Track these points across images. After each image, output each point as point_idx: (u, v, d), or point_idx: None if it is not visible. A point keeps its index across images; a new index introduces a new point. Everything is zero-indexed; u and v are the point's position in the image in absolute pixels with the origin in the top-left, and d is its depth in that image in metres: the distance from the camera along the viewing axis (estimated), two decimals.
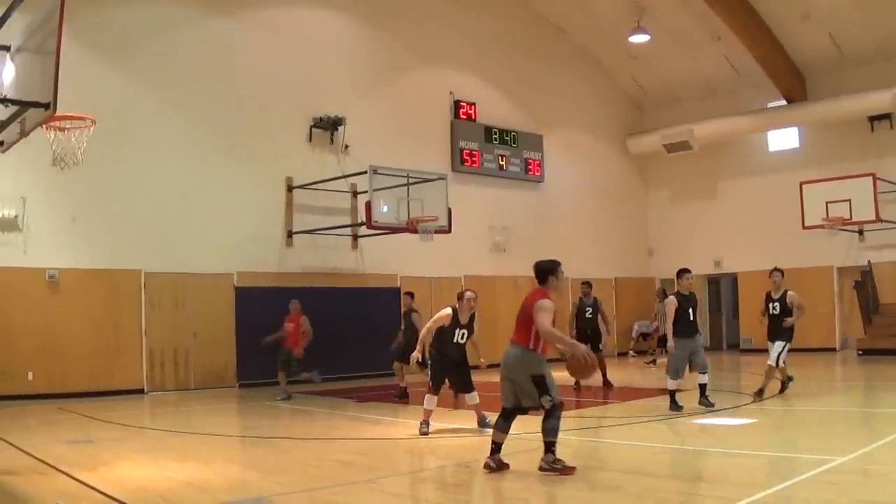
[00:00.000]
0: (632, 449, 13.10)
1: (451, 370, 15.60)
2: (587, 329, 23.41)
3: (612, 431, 14.55)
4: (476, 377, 15.95)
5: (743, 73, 35.20)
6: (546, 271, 11.65)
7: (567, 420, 15.79)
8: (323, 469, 11.99)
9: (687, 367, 17.04)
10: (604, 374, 22.78)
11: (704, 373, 17.03)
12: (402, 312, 21.97)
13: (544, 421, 11.19)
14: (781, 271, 18.17)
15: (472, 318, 15.76)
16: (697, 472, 11.42)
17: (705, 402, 16.84)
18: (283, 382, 22.14)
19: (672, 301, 17.29)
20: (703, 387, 17.05)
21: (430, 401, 15.28)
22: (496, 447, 11.40)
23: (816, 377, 24.90)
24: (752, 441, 13.32)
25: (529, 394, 11.23)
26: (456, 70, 32.74)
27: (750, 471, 11.20)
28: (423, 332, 15.91)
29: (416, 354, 15.80)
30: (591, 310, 23.54)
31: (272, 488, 10.53)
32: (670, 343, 17.12)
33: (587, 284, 24.31)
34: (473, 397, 15.58)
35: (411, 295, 21.98)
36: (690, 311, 17.09)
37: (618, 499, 10.00)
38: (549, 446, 11.19)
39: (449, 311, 15.62)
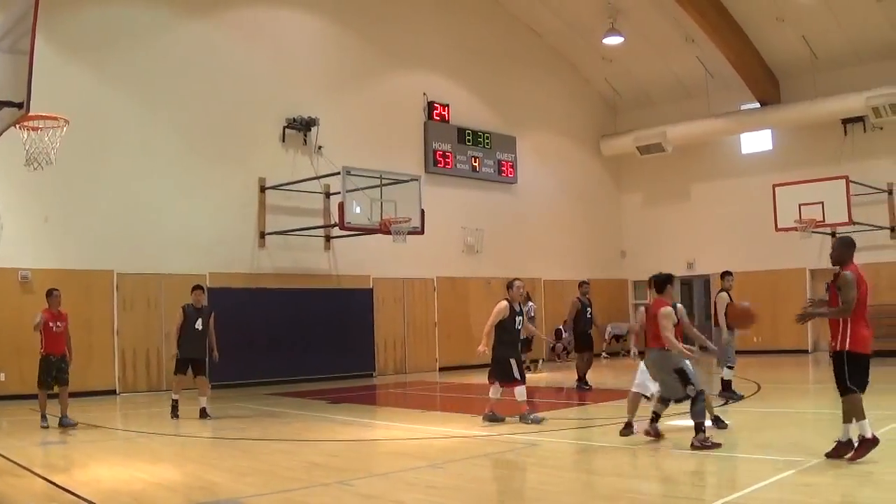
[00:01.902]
0: (604, 450, 13.13)
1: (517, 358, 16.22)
2: (587, 328, 23.28)
3: (586, 433, 14.60)
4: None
5: (716, 75, 35.30)
6: (664, 282, 13.61)
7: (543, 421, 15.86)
8: (295, 471, 12.01)
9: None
10: (583, 375, 22.99)
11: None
12: (195, 309, 18.82)
13: (692, 406, 12.67)
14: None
15: (520, 305, 16.48)
16: (670, 473, 11.46)
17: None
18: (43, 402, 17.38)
19: (725, 297, 18.53)
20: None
21: (496, 391, 16.07)
22: (656, 417, 13.35)
23: (789, 379, 25.03)
24: (724, 442, 13.38)
25: (674, 388, 13.01)
26: (429, 71, 32.75)
27: (722, 472, 11.28)
28: (487, 328, 16.26)
29: (482, 348, 16.10)
30: (590, 310, 23.36)
31: (244, 490, 10.54)
32: (725, 335, 18.13)
33: (586, 284, 24.24)
34: (522, 392, 16.29)
35: (202, 289, 19.43)
36: None
37: (590, 499, 10.05)
38: (699, 427, 12.56)
39: (505, 303, 16.17)
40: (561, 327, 33.30)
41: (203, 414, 18.30)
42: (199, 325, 18.54)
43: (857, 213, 29.19)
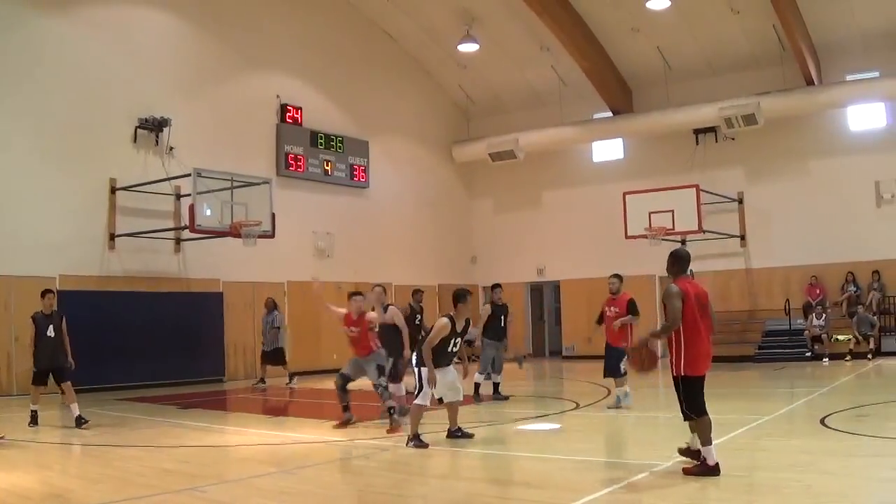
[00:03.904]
0: (453, 455, 13.26)
1: None
2: (416, 335, 23.71)
3: (436, 438, 14.69)
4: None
5: (570, 84, 35.87)
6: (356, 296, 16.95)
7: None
8: (147, 477, 11.92)
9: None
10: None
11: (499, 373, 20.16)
12: (44, 316, 17.73)
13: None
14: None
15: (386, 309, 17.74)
16: (522, 477, 11.64)
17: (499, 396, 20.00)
18: None
19: (488, 308, 20.08)
20: (497, 385, 20.24)
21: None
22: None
23: (637, 384, 25.44)
24: (577, 446, 13.61)
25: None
26: (283, 73, 32.70)
27: (575, 475, 11.46)
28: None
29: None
30: (420, 317, 23.94)
31: (94, 497, 10.49)
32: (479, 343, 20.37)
33: (420, 292, 24.76)
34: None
35: (53, 293, 18.28)
36: (502, 318, 20.05)
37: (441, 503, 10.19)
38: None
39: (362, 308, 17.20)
40: None
41: (79, 422, 17.14)
42: (50, 331, 17.52)
43: (707, 221, 29.95)
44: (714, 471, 10.49)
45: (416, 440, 13.65)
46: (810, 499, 9.27)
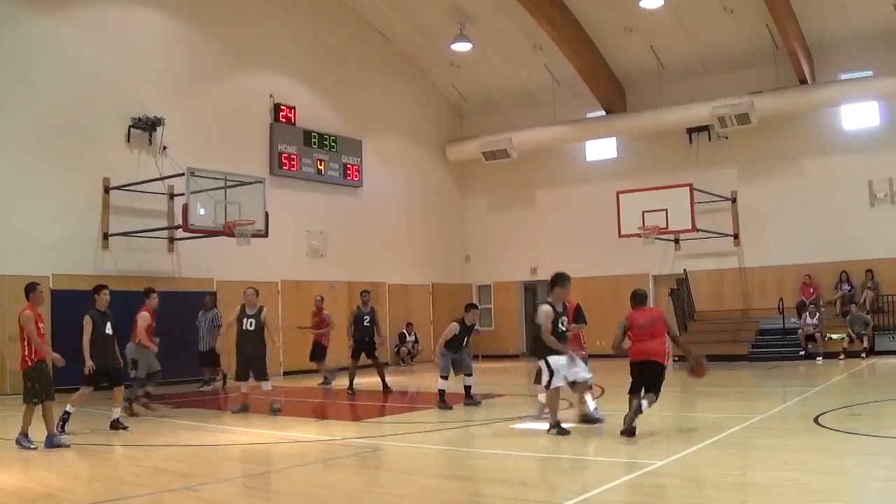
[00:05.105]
0: (448, 454, 13.25)
1: None
2: (364, 337, 24.10)
3: (428, 437, 14.69)
4: None
5: (563, 83, 35.88)
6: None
7: (383, 426, 15.96)
8: (140, 476, 11.92)
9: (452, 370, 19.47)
10: (383, 380, 23.87)
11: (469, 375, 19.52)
12: (100, 313, 17.39)
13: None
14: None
15: (259, 311, 19.45)
16: (517, 476, 11.62)
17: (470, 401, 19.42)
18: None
19: (454, 327, 19.63)
20: (468, 388, 19.57)
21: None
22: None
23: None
24: (570, 446, 13.57)
25: None
26: (276, 73, 32.67)
27: (572, 475, 11.49)
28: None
29: None
30: (368, 318, 24.07)
31: (89, 496, 10.49)
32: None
33: (366, 293, 24.88)
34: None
35: (108, 289, 17.67)
36: (466, 338, 19.78)
37: (441, 503, 10.16)
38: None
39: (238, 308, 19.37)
40: (404, 331, 33.51)
41: (118, 425, 16.76)
42: (108, 329, 17.07)
43: (701, 220, 30.01)
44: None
45: (558, 428, 13.92)
46: (804, 498, 9.27)
